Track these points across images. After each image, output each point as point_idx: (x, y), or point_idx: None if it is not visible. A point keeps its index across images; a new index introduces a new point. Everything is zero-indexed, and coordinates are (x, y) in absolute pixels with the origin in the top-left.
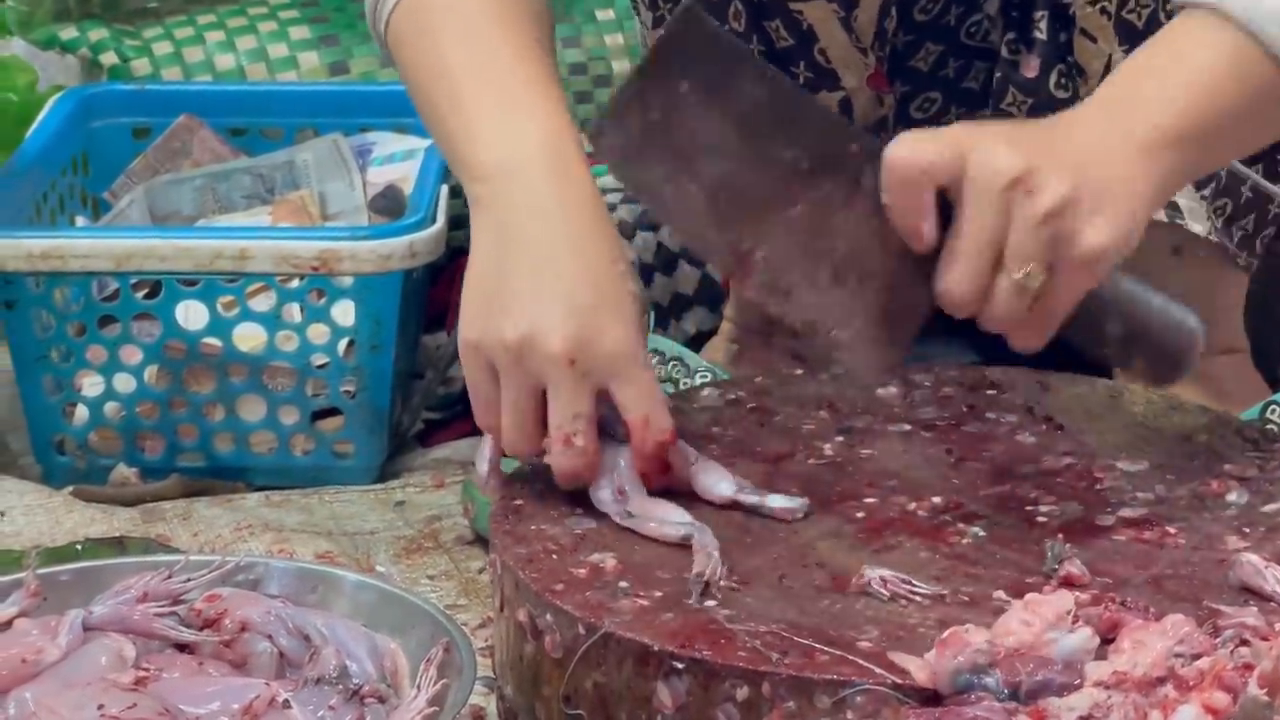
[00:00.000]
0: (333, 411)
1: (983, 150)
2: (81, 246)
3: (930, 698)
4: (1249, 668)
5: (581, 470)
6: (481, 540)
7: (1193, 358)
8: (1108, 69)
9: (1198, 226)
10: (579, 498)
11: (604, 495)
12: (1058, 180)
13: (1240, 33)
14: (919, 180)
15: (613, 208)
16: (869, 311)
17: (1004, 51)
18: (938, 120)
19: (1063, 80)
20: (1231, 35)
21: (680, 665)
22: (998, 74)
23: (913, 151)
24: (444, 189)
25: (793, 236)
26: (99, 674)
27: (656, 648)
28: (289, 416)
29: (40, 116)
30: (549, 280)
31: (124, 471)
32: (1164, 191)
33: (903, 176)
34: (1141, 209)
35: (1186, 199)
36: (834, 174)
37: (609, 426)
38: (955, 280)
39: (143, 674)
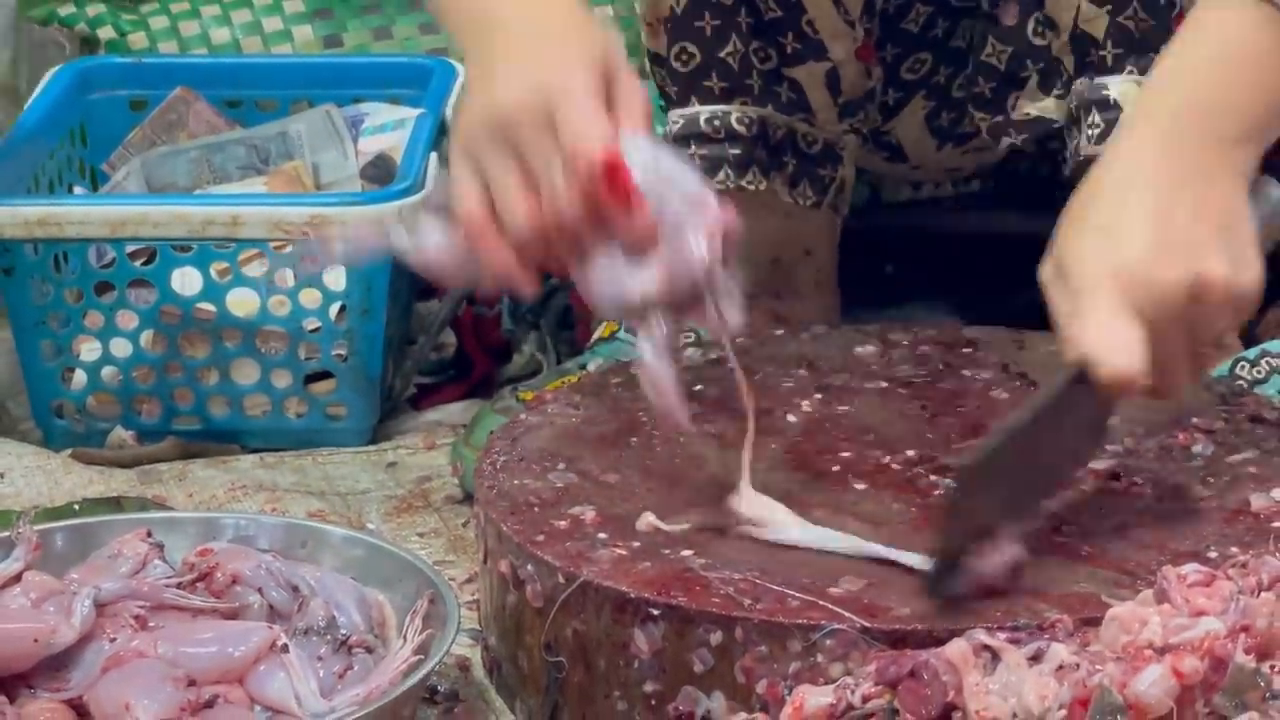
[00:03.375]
0: (325, 375)
1: (1154, 294)
2: (77, 214)
3: (897, 640)
4: (1245, 629)
5: (575, 223)
6: (471, 500)
7: None
8: (1076, 20)
9: None
10: (562, 453)
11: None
12: (1212, 268)
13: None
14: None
15: None
16: None
17: (983, 4)
18: (927, 81)
19: (1039, 28)
20: (1265, 13)
21: (656, 612)
22: (977, 26)
23: (1121, 369)
24: (433, 157)
25: None
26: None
27: (633, 595)
28: (282, 380)
29: (38, 89)
30: (505, 70)
31: (121, 434)
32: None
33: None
34: (1249, 217)
35: None
36: None
37: None
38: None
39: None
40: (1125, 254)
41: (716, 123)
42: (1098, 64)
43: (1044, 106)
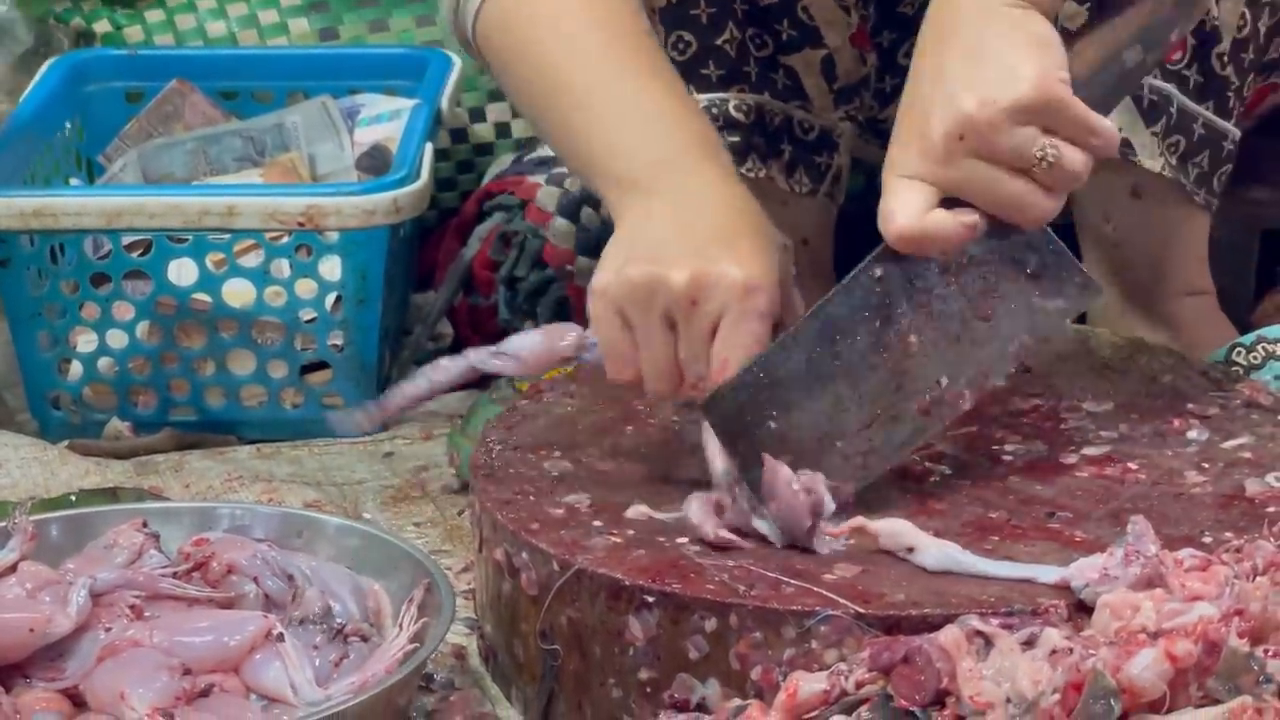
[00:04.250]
0: (321, 365)
1: (929, 148)
2: (72, 205)
3: (891, 626)
4: (1239, 613)
5: None
6: (467, 489)
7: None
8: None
9: (1150, 163)
10: (557, 442)
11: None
12: (976, 100)
13: None
14: (931, 240)
15: None
16: None
17: None
18: None
19: None
20: None
21: (651, 599)
22: None
23: (909, 226)
24: (428, 147)
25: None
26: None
27: (628, 583)
28: (278, 370)
29: (34, 81)
30: (684, 235)
31: (117, 425)
32: None
33: (920, 245)
34: (1022, 30)
35: (1138, 136)
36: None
37: None
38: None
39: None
40: (902, 126)
41: (715, 110)
42: None
43: None
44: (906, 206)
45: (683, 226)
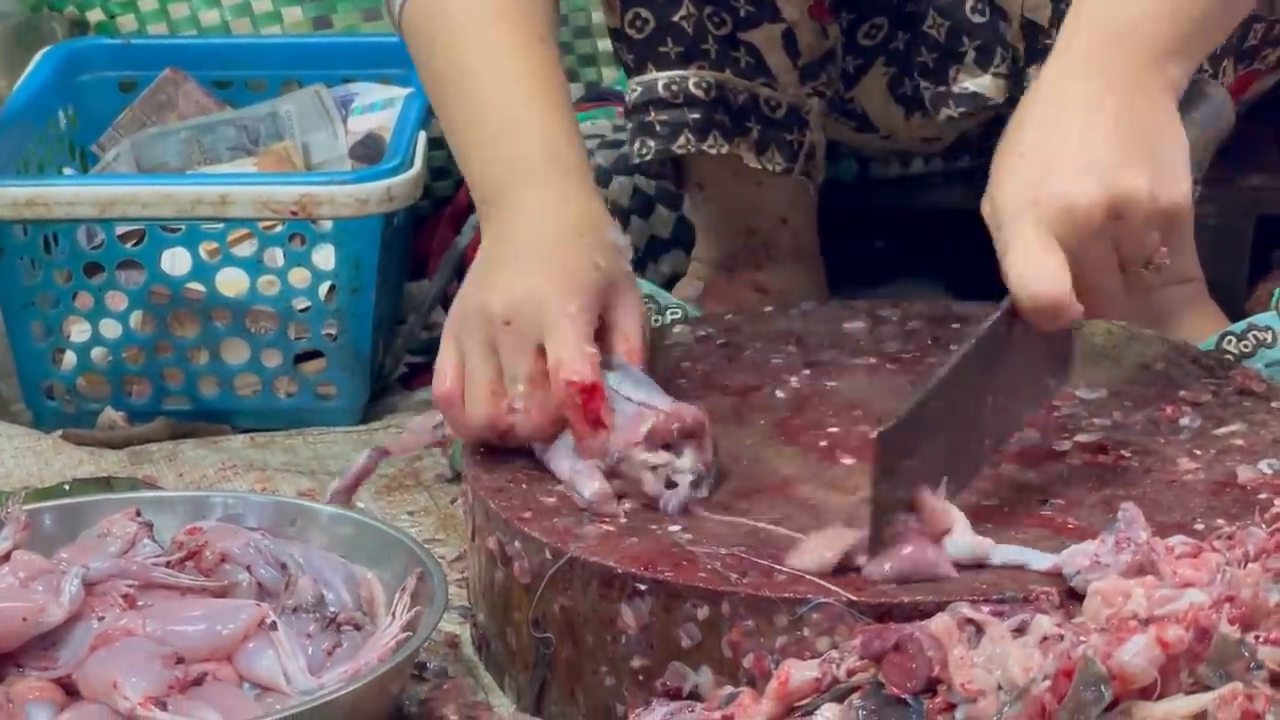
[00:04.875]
0: (315, 354)
1: (1074, 216)
2: (65, 194)
3: (883, 614)
4: (1230, 600)
5: (531, 432)
6: (460, 478)
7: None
8: (1024, 6)
9: None
10: None
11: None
12: (1148, 191)
13: None
14: (1064, 306)
15: (590, 153)
16: None
17: None
18: (885, 46)
19: (979, 4)
20: None
21: (643, 587)
22: None
23: (1041, 295)
24: (422, 135)
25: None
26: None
27: (620, 570)
28: (272, 359)
29: (27, 71)
30: (512, 257)
31: (111, 415)
32: (1179, 95)
33: (1055, 317)
34: (1179, 132)
35: None
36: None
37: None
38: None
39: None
40: (1043, 179)
41: (674, 87)
42: (1045, 51)
43: (981, 83)
44: (1057, 273)
45: (513, 248)
